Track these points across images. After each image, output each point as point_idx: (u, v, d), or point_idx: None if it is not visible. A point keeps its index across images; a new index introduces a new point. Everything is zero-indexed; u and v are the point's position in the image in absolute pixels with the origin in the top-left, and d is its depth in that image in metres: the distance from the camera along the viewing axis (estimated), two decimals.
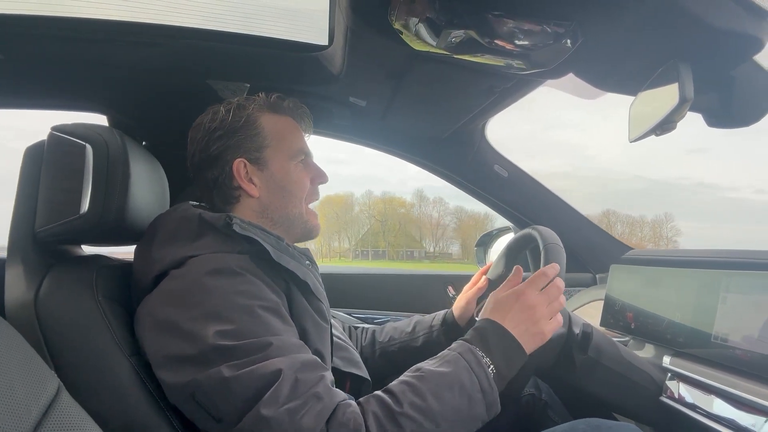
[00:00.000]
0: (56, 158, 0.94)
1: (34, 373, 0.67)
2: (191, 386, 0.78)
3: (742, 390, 0.87)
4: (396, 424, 0.76)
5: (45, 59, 1.13)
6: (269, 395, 0.74)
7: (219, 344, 0.78)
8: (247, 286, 0.86)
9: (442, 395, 0.80)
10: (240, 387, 0.75)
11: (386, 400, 0.79)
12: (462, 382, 0.82)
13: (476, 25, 0.94)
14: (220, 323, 0.80)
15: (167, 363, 0.81)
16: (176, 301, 0.83)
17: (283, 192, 1.04)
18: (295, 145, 1.07)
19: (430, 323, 1.30)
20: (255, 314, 0.82)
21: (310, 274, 0.99)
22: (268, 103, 1.07)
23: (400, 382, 0.83)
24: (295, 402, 0.75)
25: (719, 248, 1.21)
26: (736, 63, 0.95)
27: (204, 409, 0.78)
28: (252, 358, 0.77)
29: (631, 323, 1.22)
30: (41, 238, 0.94)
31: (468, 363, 0.84)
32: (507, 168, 1.81)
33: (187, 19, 1.01)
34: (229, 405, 0.76)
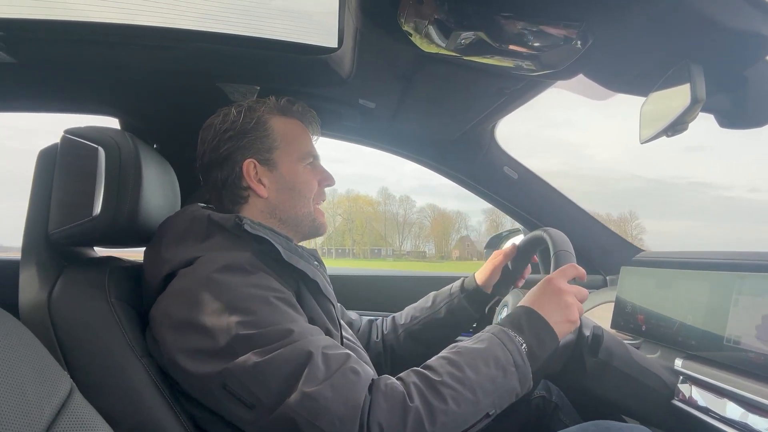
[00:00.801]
0: (69, 161, 0.95)
1: (48, 373, 0.68)
2: (222, 376, 0.79)
3: (756, 393, 0.86)
4: (436, 391, 0.79)
5: (58, 63, 1.15)
6: (307, 374, 0.76)
7: (242, 334, 0.79)
8: (258, 280, 0.87)
9: (478, 367, 0.82)
10: (274, 370, 0.77)
11: (425, 372, 0.82)
12: (496, 355, 0.84)
13: (486, 27, 0.94)
14: (239, 314, 0.81)
15: (193, 356, 0.82)
16: (191, 299, 0.84)
17: (292, 193, 1.06)
18: (304, 148, 1.09)
19: (449, 292, 1.32)
20: (271, 304, 0.84)
21: (320, 274, 0.99)
22: (278, 106, 1.08)
23: (437, 357, 0.86)
24: (335, 377, 0.77)
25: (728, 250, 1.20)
26: (748, 63, 0.94)
27: (236, 398, 0.79)
28: (277, 343, 0.79)
29: (642, 325, 1.21)
30: (54, 239, 0.95)
31: (501, 340, 0.86)
32: (517, 170, 1.80)
33: (198, 22, 1.02)
34: (264, 389, 0.77)
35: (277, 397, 0.76)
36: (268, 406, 0.76)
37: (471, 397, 0.80)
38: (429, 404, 0.77)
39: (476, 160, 1.79)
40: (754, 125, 1.02)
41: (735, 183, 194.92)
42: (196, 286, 0.85)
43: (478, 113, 1.50)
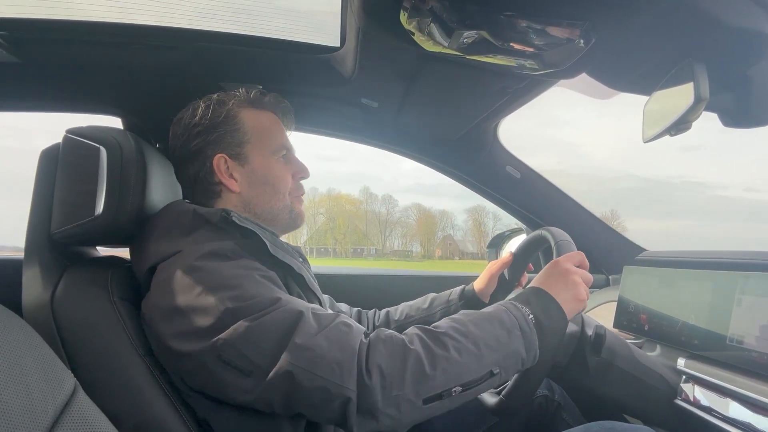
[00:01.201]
0: (71, 161, 0.96)
1: (52, 372, 0.68)
2: (216, 348, 0.78)
3: (759, 393, 0.86)
4: (438, 340, 0.80)
5: (60, 63, 1.15)
6: (299, 329, 0.77)
7: (230, 307, 0.79)
8: (242, 262, 0.87)
9: (483, 325, 0.84)
10: (266, 332, 0.77)
11: (426, 327, 0.84)
12: (501, 318, 0.85)
13: (488, 26, 0.94)
14: (225, 290, 0.81)
15: (186, 338, 0.82)
16: (176, 287, 0.84)
17: (266, 187, 1.05)
18: (277, 141, 1.07)
19: (447, 298, 1.31)
20: (256, 279, 0.84)
21: (304, 269, 1.00)
22: (248, 99, 1.07)
23: (441, 320, 0.87)
24: (327, 330, 0.78)
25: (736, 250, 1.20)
26: (752, 62, 0.93)
27: (232, 367, 0.79)
28: (266, 309, 0.79)
29: (644, 325, 1.20)
30: (57, 239, 0.95)
31: (507, 308, 0.88)
32: (519, 169, 1.80)
33: (201, 21, 1.02)
34: (258, 352, 0.77)
35: (272, 357, 0.76)
36: (265, 368, 0.76)
37: (474, 350, 0.80)
38: (430, 349, 0.78)
39: (479, 159, 1.78)
40: (757, 124, 1.02)
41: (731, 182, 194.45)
42: (180, 274, 0.85)
43: (481, 112, 1.50)
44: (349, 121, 1.66)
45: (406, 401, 0.76)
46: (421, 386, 0.76)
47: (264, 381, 0.77)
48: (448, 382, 0.78)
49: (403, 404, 0.76)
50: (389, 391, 0.75)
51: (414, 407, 0.76)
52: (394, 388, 0.75)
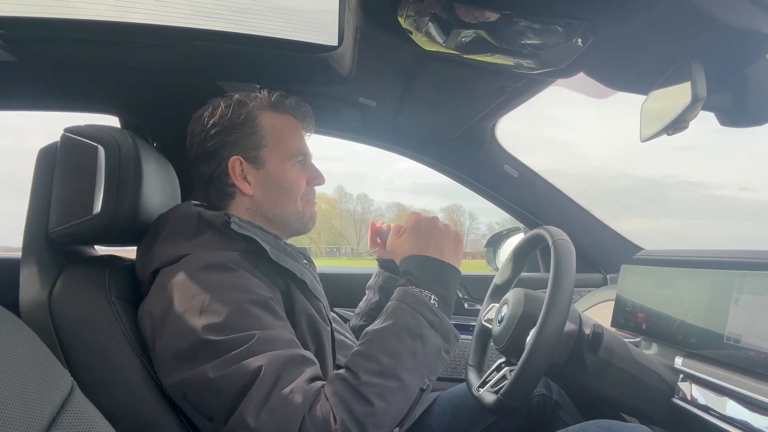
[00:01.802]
0: (69, 159, 0.95)
1: (48, 371, 0.68)
2: (183, 386, 0.80)
3: (756, 392, 0.86)
4: (360, 397, 0.78)
5: (58, 62, 1.15)
6: (250, 395, 0.75)
7: (206, 339, 0.79)
8: (238, 280, 0.86)
9: (392, 348, 0.82)
10: (224, 386, 0.77)
11: (345, 375, 0.81)
12: (408, 326, 0.84)
13: (486, 25, 0.94)
14: (209, 316, 0.81)
15: (164, 363, 0.83)
16: (169, 297, 0.84)
17: (279, 191, 1.04)
18: (294, 146, 1.07)
19: (374, 276, 1.38)
20: (243, 309, 0.83)
21: (308, 272, 1.00)
22: (269, 101, 1.06)
23: (353, 354, 0.85)
24: (275, 402, 0.75)
25: (733, 249, 1.20)
26: (749, 61, 0.94)
27: (195, 408, 0.81)
28: (234, 353, 0.78)
29: (642, 324, 1.21)
30: (55, 238, 0.95)
31: (408, 305, 0.86)
32: (517, 168, 1.80)
33: (199, 20, 1.02)
34: (216, 404, 0.77)
35: (226, 413, 0.77)
36: (223, 419, 0.77)
37: (396, 385, 0.80)
38: (352, 413, 0.76)
39: (477, 158, 1.78)
40: (754, 123, 1.02)
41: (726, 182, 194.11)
42: (176, 284, 0.85)
43: (479, 111, 1.50)
44: (347, 121, 1.66)
45: None
46: None
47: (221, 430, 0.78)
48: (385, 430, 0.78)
49: None
50: None
51: None
52: None
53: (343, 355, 1.10)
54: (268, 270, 0.92)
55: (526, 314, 1.04)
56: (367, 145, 1.83)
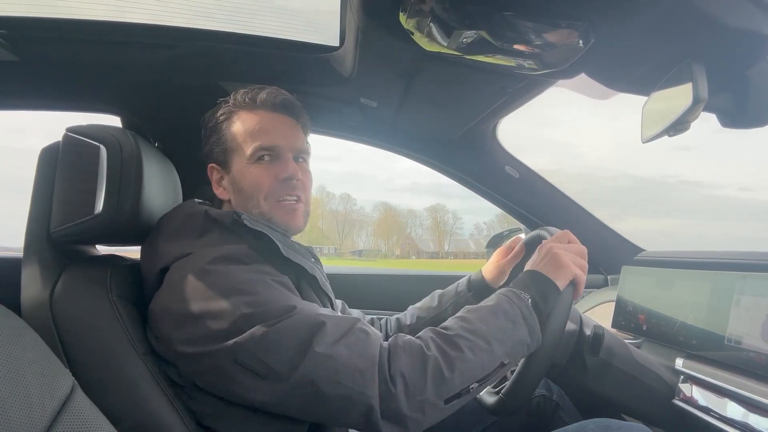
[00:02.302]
0: (71, 159, 0.96)
1: (50, 371, 0.68)
2: (232, 350, 0.79)
3: (757, 393, 0.86)
4: (451, 342, 0.83)
5: (59, 62, 1.15)
6: (318, 338, 0.78)
7: (245, 312, 0.80)
8: (255, 266, 0.88)
9: (489, 320, 0.87)
10: (284, 338, 0.78)
11: (439, 329, 0.87)
12: (505, 309, 0.89)
13: (488, 26, 0.94)
14: (240, 295, 0.82)
15: (200, 342, 0.81)
16: (188, 291, 0.84)
17: (242, 195, 1.01)
18: (253, 143, 1.00)
19: (455, 291, 1.31)
20: (270, 285, 0.85)
21: (317, 269, 1.00)
22: (239, 101, 1.03)
23: (450, 318, 0.91)
24: (347, 337, 0.80)
25: (734, 250, 1.20)
26: (751, 63, 0.94)
27: (247, 370, 0.79)
28: (282, 316, 0.80)
29: (642, 325, 1.21)
30: (56, 238, 0.95)
31: (508, 297, 0.91)
32: (518, 169, 1.80)
33: (200, 20, 1.02)
34: (276, 357, 0.78)
35: (290, 363, 0.77)
36: (282, 373, 0.77)
37: (485, 346, 0.84)
38: (446, 353, 0.82)
39: (478, 159, 1.78)
40: (755, 125, 1.02)
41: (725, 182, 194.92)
42: (192, 278, 0.85)
43: (480, 112, 1.50)
44: (348, 121, 1.66)
45: (429, 404, 0.80)
46: (442, 389, 0.80)
47: (282, 386, 0.78)
48: (465, 381, 0.82)
49: (427, 407, 0.80)
50: (413, 397, 0.79)
51: (436, 408, 0.81)
52: (418, 394, 0.79)
53: None
54: (279, 265, 0.92)
55: None
56: (368, 145, 1.83)
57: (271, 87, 1.05)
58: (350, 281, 1.93)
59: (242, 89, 1.05)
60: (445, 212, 64.46)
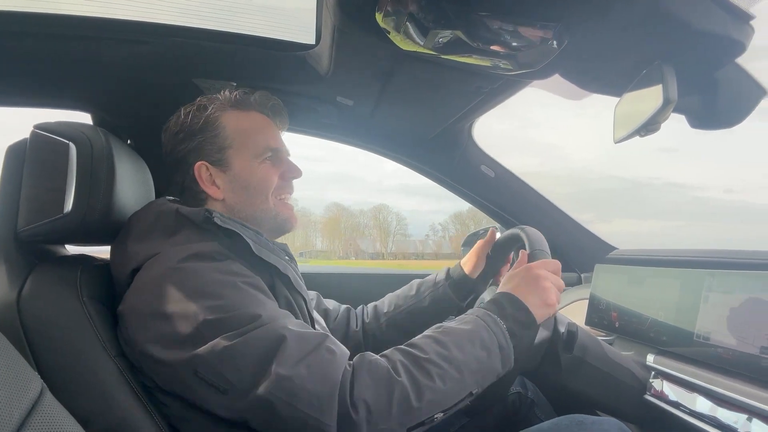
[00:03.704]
0: (39, 157, 0.93)
1: (17, 374, 0.66)
2: (192, 362, 0.78)
3: (725, 388, 0.88)
4: (422, 368, 0.79)
5: (28, 56, 1.12)
6: (280, 355, 0.76)
7: (209, 319, 0.78)
8: (226, 266, 0.86)
9: (465, 347, 0.83)
10: (244, 353, 0.76)
11: (410, 350, 0.83)
12: (482, 337, 0.85)
13: (463, 26, 0.94)
14: (206, 299, 0.80)
15: (164, 345, 0.80)
16: (157, 289, 0.82)
17: (248, 191, 1.02)
18: (261, 143, 1.04)
19: (434, 281, 1.30)
20: (239, 288, 0.83)
21: (290, 268, 0.99)
22: (232, 101, 1.04)
23: (423, 336, 0.86)
24: (310, 357, 0.77)
25: (701, 248, 1.23)
26: (719, 65, 0.96)
27: (208, 383, 0.78)
28: (246, 327, 0.78)
29: (615, 322, 1.23)
30: (24, 237, 0.93)
31: (486, 323, 0.88)
32: (494, 168, 1.82)
33: (173, 16, 1.00)
34: (236, 373, 0.76)
35: (250, 380, 0.75)
36: (242, 389, 0.76)
37: (456, 376, 0.81)
38: (415, 380, 0.78)
39: (454, 158, 1.79)
40: (723, 126, 1.05)
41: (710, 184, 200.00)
42: (162, 276, 0.83)
43: (456, 112, 1.51)
44: (324, 119, 1.65)
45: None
46: (407, 417, 0.77)
47: (241, 403, 0.77)
48: (431, 411, 0.78)
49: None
50: (375, 425, 0.75)
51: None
52: (381, 422, 0.75)
53: None
54: (251, 266, 0.91)
55: None
56: (345, 144, 1.83)
57: (259, 90, 1.08)
58: (334, 280, 1.93)
59: (227, 89, 1.06)
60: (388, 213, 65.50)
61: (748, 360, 0.87)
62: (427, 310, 1.26)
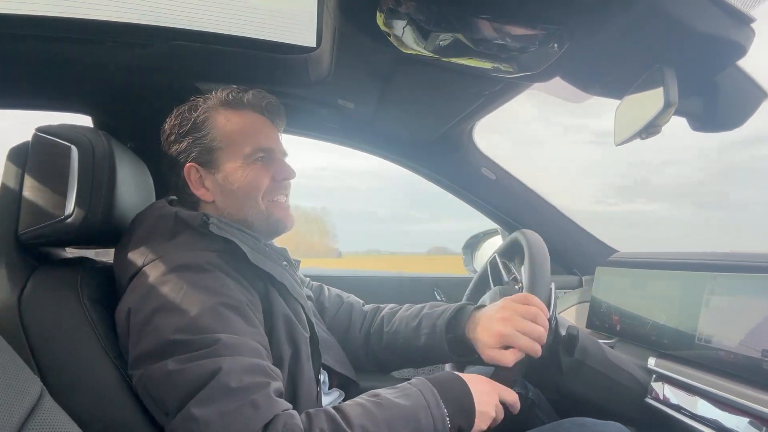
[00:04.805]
0: (41, 159, 0.93)
1: (17, 376, 0.66)
2: (144, 378, 0.79)
3: (726, 391, 0.88)
4: None
5: (30, 59, 1.12)
6: (203, 394, 0.74)
7: (173, 338, 0.78)
8: (212, 282, 0.85)
9: (396, 427, 0.78)
10: (180, 382, 0.76)
11: (337, 418, 0.77)
12: (418, 419, 0.79)
13: (464, 28, 0.94)
14: (178, 317, 0.80)
15: (134, 360, 0.82)
16: (143, 297, 0.84)
17: (236, 195, 1.00)
18: (252, 143, 1.01)
19: (435, 322, 1.11)
20: (215, 310, 0.82)
21: (287, 275, 0.98)
22: (224, 100, 1.02)
23: (356, 403, 0.81)
24: (229, 405, 0.73)
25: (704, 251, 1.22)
26: (720, 68, 0.96)
27: (154, 402, 0.80)
28: (198, 353, 0.77)
29: (616, 325, 1.23)
30: (25, 240, 0.93)
31: (428, 403, 0.81)
32: (495, 171, 1.82)
33: (175, 19, 1.01)
34: (171, 399, 0.76)
35: (175, 409, 0.76)
36: (170, 416, 0.77)
37: None
38: None
39: (454, 161, 1.79)
40: (724, 128, 1.04)
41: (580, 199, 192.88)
42: (151, 284, 0.84)
43: (457, 114, 1.51)
44: (325, 122, 1.66)
45: None
46: None
47: (169, 427, 0.77)
48: None
49: None
50: None
51: None
52: None
53: (330, 356, 1.09)
54: (246, 272, 0.91)
55: None
56: (346, 146, 1.83)
57: (253, 89, 1.05)
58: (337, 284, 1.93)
59: (221, 88, 1.04)
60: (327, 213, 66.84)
61: (749, 363, 0.87)
62: (421, 349, 1.13)
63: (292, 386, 0.92)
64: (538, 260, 1.02)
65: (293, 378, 0.93)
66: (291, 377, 0.92)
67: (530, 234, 1.10)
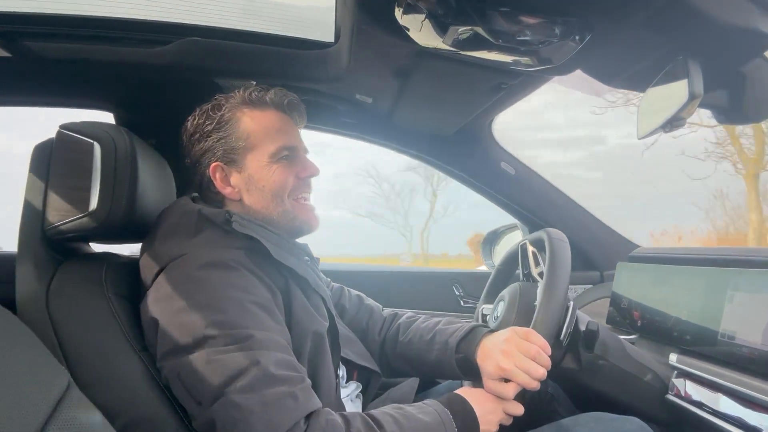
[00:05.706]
0: (64, 156, 0.95)
1: (44, 369, 0.67)
2: (177, 367, 0.81)
3: (750, 388, 0.86)
4: None
5: (52, 58, 1.14)
6: (244, 382, 0.76)
7: (207, 333, 0.80)
8: (239, 280, 0.87)
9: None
10: (219, 369, 0.77)
11: (371, 423, 0.81)
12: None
13: (483, 22, 0.94)
14: (211, 313, 0.81)
15: (166, 355, 0.83)
16: (171, 295, 0.85)
17: (263, 193, 1.01)
18: (277, 142, 1.02)
19: (447, 339, 1.11)
20: (244, 307, 0.84)
21: (309, 270, 0.99)
22: (247, 99, 1.03)
23: (384, 413, 0.85)
24: (271, 395, 0.76)
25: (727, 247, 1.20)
26: (746, 59, 0.94)
27: (187, 391, 0.81)
28: (233, 346, 0.79)
29: (637, 321, 1.21)
30: (50, 235, 0.95)
31: (442, 420, 0.86)
32: (514, 165, 1.80)
33: (194, 16, 1.01)
34: (205, 388, 0.78)
35: (211, 398, 0.77)
36: (205, 405, 0.78)
37: None
38: None
39: (474, 155, 1.78)
40: (750, 121, 1.02)
41: None
42: (177, 283, 0.86)
43: (476, 108, 1.50)
44: (343, 117, 1.66)
45: None
46: None
47: (205, 416, 0.78)
48: None
49: None
50: None
51: None
52: None
53: (351, 350, 1.10)
54: (269, 268, 0.92)
55: (522, 309, 1.05)
56: (364, 141, 1.83)
57: (274, 87, 1.06)
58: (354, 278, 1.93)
59: (242, 87, 1.05)
60: None
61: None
62: (432, 363, 1.14)
63: (311, 379, 0.93)
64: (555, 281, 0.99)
65: (313, 371, 0.94)
66: (311, 370, 0.93)
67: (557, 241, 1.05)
